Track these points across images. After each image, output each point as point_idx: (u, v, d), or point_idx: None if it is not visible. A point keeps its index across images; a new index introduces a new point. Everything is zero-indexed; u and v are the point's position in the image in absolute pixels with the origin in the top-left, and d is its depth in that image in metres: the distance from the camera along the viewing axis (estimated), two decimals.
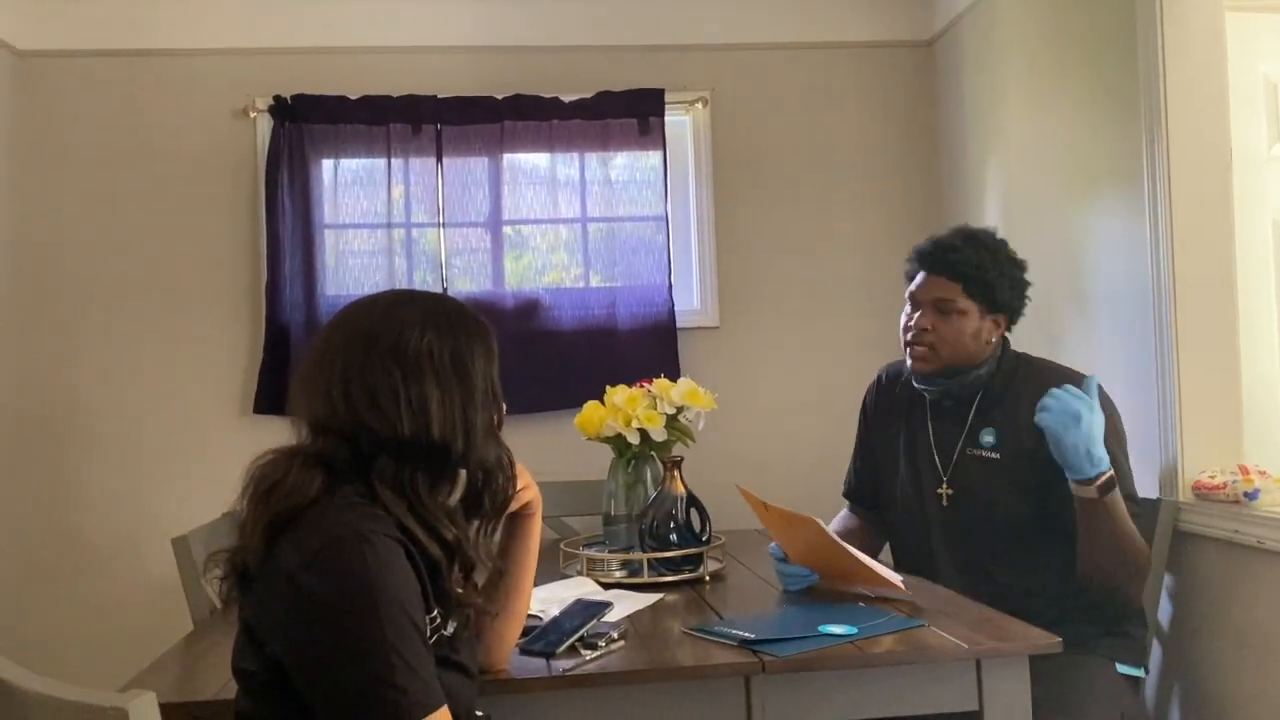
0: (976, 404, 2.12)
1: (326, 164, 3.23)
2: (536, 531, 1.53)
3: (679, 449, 2.24)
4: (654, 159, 3.29)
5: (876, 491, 2.29)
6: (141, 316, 3.20)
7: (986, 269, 2.06)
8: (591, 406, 2.28)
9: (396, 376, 1.24)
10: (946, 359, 2.08)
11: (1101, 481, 1.86)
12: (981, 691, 1.58)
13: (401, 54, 3.28)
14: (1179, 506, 2.17)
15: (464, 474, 1.30)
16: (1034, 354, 2.19)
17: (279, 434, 1.30)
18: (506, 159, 3.26)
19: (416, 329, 1.27)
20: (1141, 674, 2.06)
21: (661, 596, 1.96)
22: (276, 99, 3.17)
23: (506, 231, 3.28)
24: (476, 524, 1.34)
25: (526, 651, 1.58)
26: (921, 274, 2.14)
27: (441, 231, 3.24)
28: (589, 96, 3.26)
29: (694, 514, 2.13)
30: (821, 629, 1.63)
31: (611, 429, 2.22)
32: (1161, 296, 2.21)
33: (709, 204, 3.37)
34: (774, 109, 3.40)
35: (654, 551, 2.08)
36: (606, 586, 2.04)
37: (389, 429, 1.23)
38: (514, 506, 1.44)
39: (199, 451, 3.16)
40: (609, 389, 2.27)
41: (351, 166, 3.25)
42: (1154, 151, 2.22)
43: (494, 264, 3.26)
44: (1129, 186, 2.33)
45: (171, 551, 2.15)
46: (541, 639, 1.60)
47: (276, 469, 1.23)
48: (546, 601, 1.83)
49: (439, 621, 1.25)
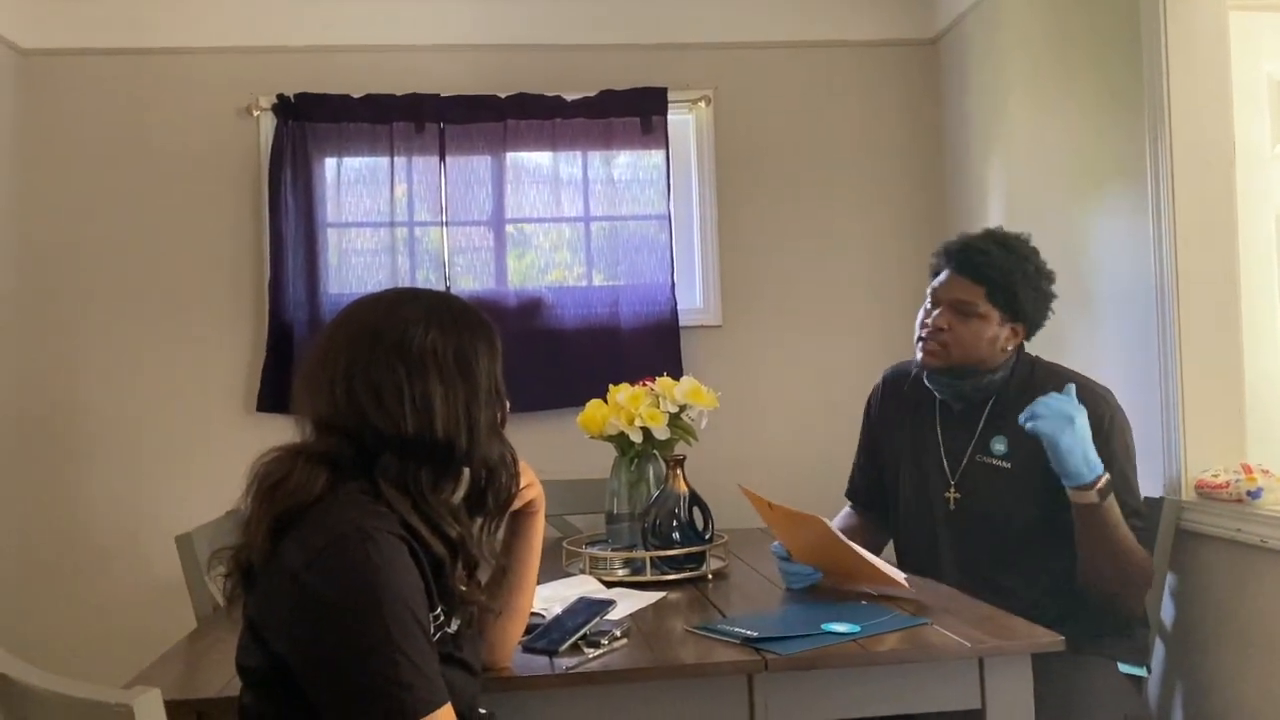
0: (988, 410, 2.09)
1: (329, 162, 3.24)
2: (539, 529, 1.53)
3: (682, 447, 2.24)
4: (657, 158, 3.29)
5: (879, 492, 2.28)
6: (144, 315, 3.20)
7: (1013, 276, 2.02)
8: (594, 405, 2.28)
9: (400, 374, 1.24)
10: (957, 359, 2.05)
11: (1101, 485, 1.85)
12: (984, 690, 1.58)
13: (404, 53, 3.28)
14: (1182, 505, 2.17)
15: (467, 472, 1.31)
16: (1035, 353, 2.16)
17: (282, 432, 1.31)
18: (509, 158, 3.26)
19: (420, 326, 1.27)
20: (1144, 673, 2.06)
21: (664, 595, 1.96)
22: (280, 97, 3.18)
23: (509, 230, 3.28)
24: (480, 521, 1.34)
25: (529, 649, 1.58)
26: (946, 272, 2.09)
27: (444, 230, 3.24)
28: (592, 95, 3.26)
29: (696, 512, 2.13)
30: (824, 627, 1.63)
31: (614, 427, 2.22)
32: (1165, 295, 2.21)
33: (712, 203, 3.37)
34: (777, 108, 3.40)
35: (657, 550, 2.08)
36: (609, 585, 2.04)
37: (393, 427, 1.23)
38: (517, 504, 1.44)
39: (202, 450, 3.16)
40: (612, 387, 2.27)
41: (354, 165, 3.25)
42: (1157, 150, 2.22)
43: (497, 263, 3.26)
44: (1132, 185, 2.33)
45: (174, 550, 2.15)
46: (544, 637, 1.60)
47: (281, 467, 1.23)
48: (549, 599, 1.84)
49: (442, 619, 1.26)
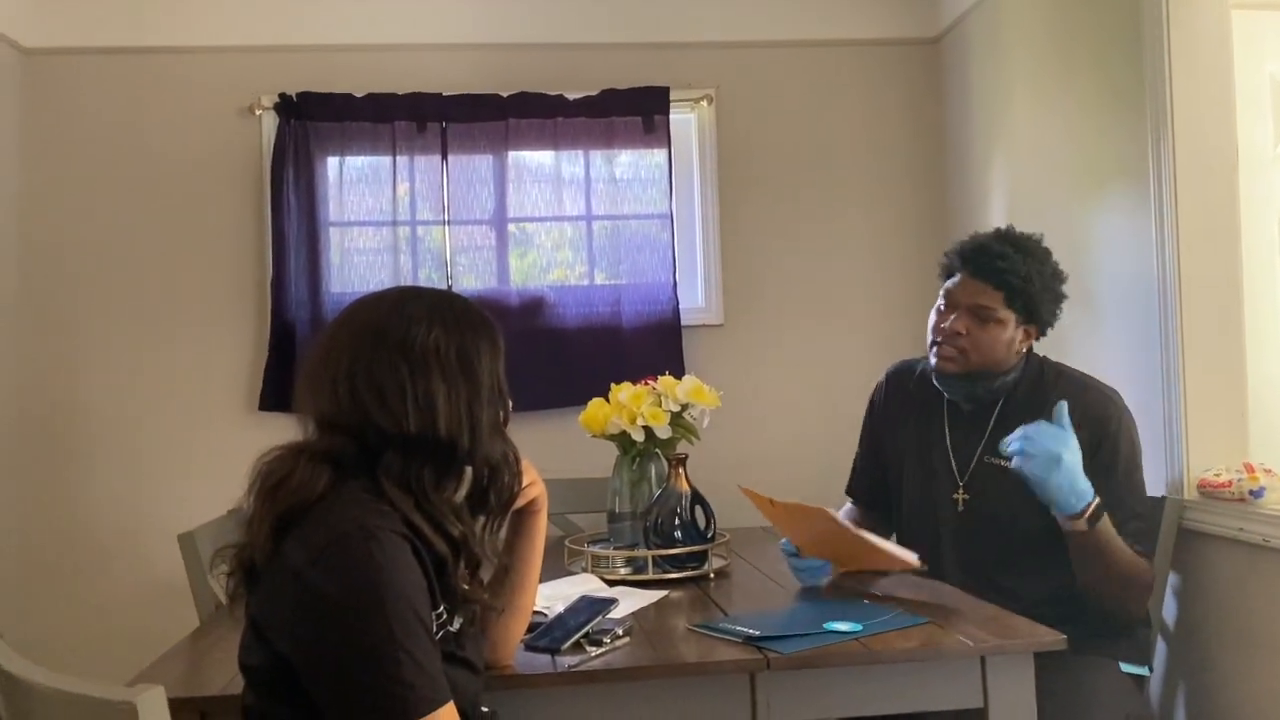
0: (998, 411, 2.07)
1: (332, 161, 3.24)
2: (542, 528, 1.53)
3: (683, 446, 2.24)
4: (659, 157, 3.29)
5: (881, 489, 2.28)
6: (146, 314, 3.20)
7: (1033, 282, 1.99)
8: (596, 404, 2.28)
9: (403, 372, 1.24)
10: (975, 365, 2.03)
11: (1090, 513, 1.82)
12: (986, 689, 1.58)
13: (407, 51, 3.28)
14: (1184, 505, 2.17)
15: (470, 470, 1.31)
16: (1038, 352, 2.15)
17: (284, 431, 1.31)
18: (511, 156, 3.27)
19: (423, 325, 1.27)
20: (1146, 672, 2.06)
21: (666, 593, 1.96)
22: (282, 96, 3.18)
23: (511, 229, 3.29)
24: (482, 520, 1.34)
25: (532, 648, 1.58)
26: (960, 275, 2.05)
27: (446, 229, 3.25)
28: (594, 94, 3.27)
29: (698, 511, 2.13)
30: (826, 626, 1.63)
31: (616, 426, 2.22)
32: (1167, 295, 2.21)
33: (713, 202, 3.37)
34: (779, 107, 3.40)
35: (658, 548, 2.08)
36: (611, 583, 2.04)
37: (395, 425, 1.23)
38: (520, 503, 1.45)
39: (204, 449, 3.16)
40: (614, 386, 2.27)
41: (357, 164, 3.26)
42: (1160, 151, 2.21)
43: (499, 262, 3.27)
44: (1135, 185, 2.33)
45: (176, 549, 2.15)
46: (547, 635, 1.60)
47: (283, 465, 1.23)
48: (551, 598, 1.84)
49: (445, 617, 1.26)
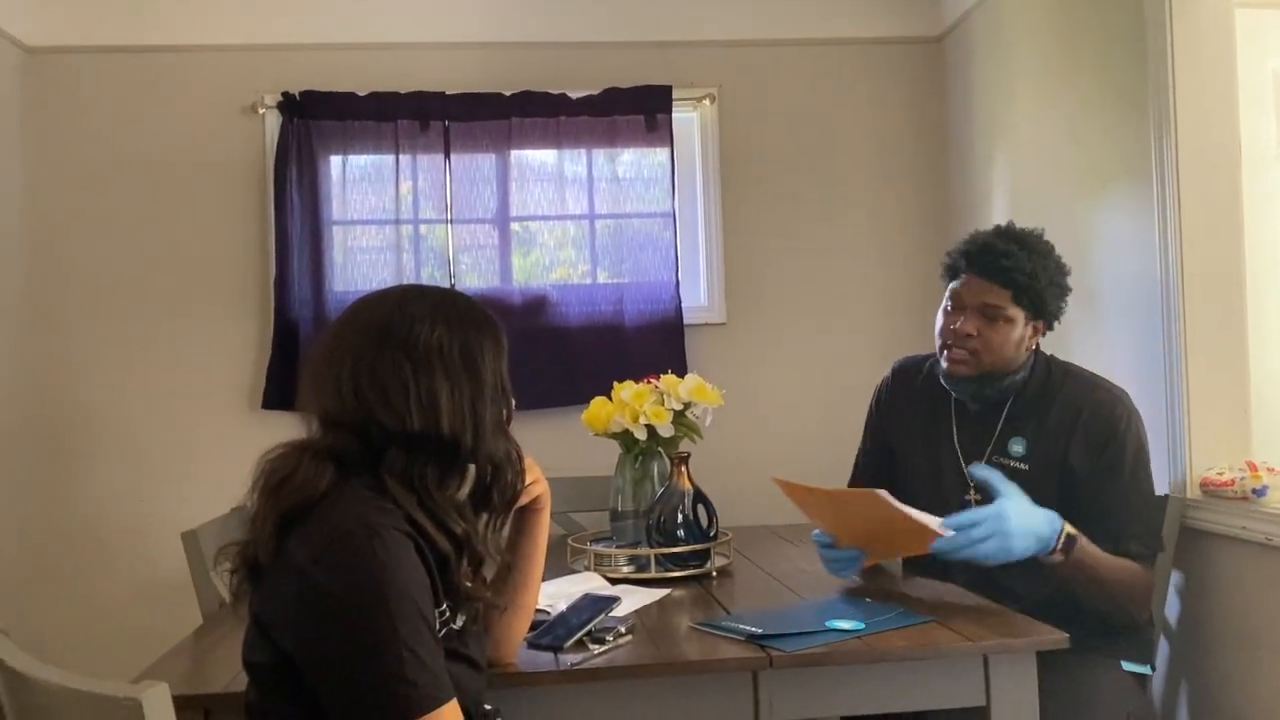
0: (1006, 411, 2.06)
1: (335, 160, 3.24)
2: (545, 526, 1.54)
3: (686, 445, 2.25)
4: (661, 155, 3.29)
5: (884, 485, 2.25)
6: (149, 312, 3.21)
7: (1039, 278, 1.98)
8: (599, 402, 2.28)
9: (406, 371, 1.25)
10: (987, 366, 2.02)
11: (1061, 546, 1.79)
12: (989, 687, 1.58)
13: (409, 50, 3.28)
14: (1186, 503, 2.17)
15: (473, 468, 1.31)
16: (1042, 351, 2.14)
17: (287, 429, 1.31)
18: (514, 155, 3.27)
19: (426, 323, 1.27)
20: (1148, 671, 2.06)
21: (669, 592, 1.97)
22: (285, 95, 3.18)
23: (514, 228, 3.29)
24: (485, 518, 1.34)
25: (534, 645, 1.58)
26: (966, 275, 2.04)
27: (449, 228, 3.25)
28: (596, 93, 3.27)
29: (701, 510, 2.14)
30: (829, 624, 1.63)
31: (619, 425, 2.22)
32: (1170, 293, 2.21)
33: (716, 200, 3.37)
34: (782, 105, 3.40)
35: (661, 547, 2.08)
36: (614, 582, 2.04)
37: (399, 423, 1.24)
38: (523, 501, 1.45)
39: (208, 447, 3.17)
40: (616, 385, 2.28)
41: (360, 163, 3.26)
42: (1162, 148, 2.21)
43: (502, 260, 3.27)
44: (1137, 183, 2.33)
45: (179, 547, 2.15)
46: (549, 633, 1.61)
47: (287, 463, 1.24)
48: (554, 596, 1.84)
49: (448, 615, 1.26)
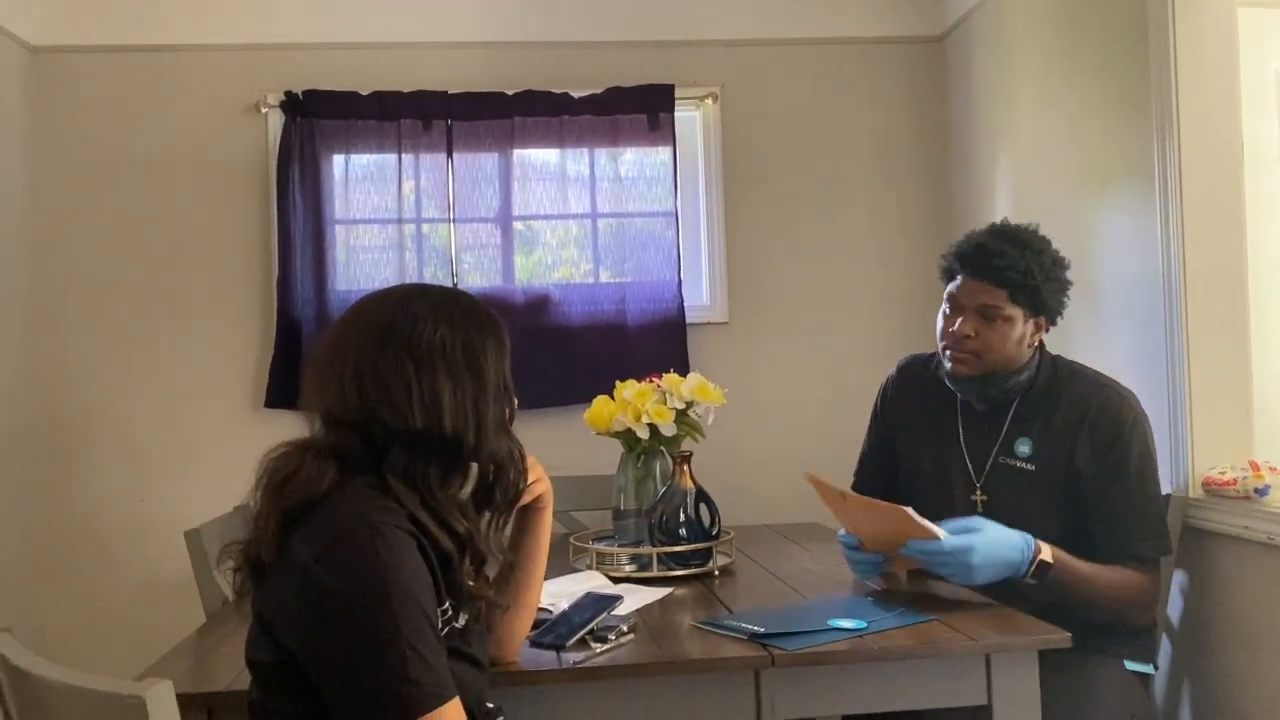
0: (1013, 411, 2.05)
1: (337, 159, 3.25)
2: (547, 525, 1.54)
3: (688, 444, 2.25)
4: (663, 155, 3.29)
5: (889, 483, 2.25)
6: (152, 311, 3.21)
7: (1034, 275, 1.96)
8: (601, 401, 2.28)
9: (409, 370, 1.25)
10: (989, 366, 2.01)
11: (1034, 569, 1.78)
12: (991, 686, 1.58)
13: (412, 49, 3.29)
14: (1189, 502, 2.17)
15: (475, 467, 1.31)
16: (1049, 351, 2.13)
17: (290, 428, 1.31)
18: (517, 154, 3.27)
19: (429, 322, 1.28)
20: (1151, 670, 2.06)
21: (671, 591, 1.97)
22: (288, 94, 3.19)
23: (517, 227, 3.29)
24: (488, 517, 1.34)
25: (537, 644, 1.59)
26: (962, 277, 2.03)
27: (452, 227, 3.25)
28: (599, 92, 3.27)
29: (703, 509, 2.14)
30: (831, 623, 1.63)
31: (621, 424, 2.22)
32: (1172, 293, 2.21)
33: (718, 199, 3.37)
34: (784, 105, 3.40)
35: (663, 546, 2.08)
36: (616, 580, 2.04)
37: (401, 422, 1.24)
38: (525, 499, 1.45)
39: (210, 446, 3.17)
40: (619, 384, 2.28)
41: (362, 162, 3.26)
42: (1165, 148, 2.21)
43: (504, 259, 3.27)
44: (1140, 183, 2.33)
45: (182, 546, 2.16)
46: (552, 632, 1.61)
47: (290, 462, 1.24)
48: (556, 595, 1.84)
49: (450, 614, 1.26)
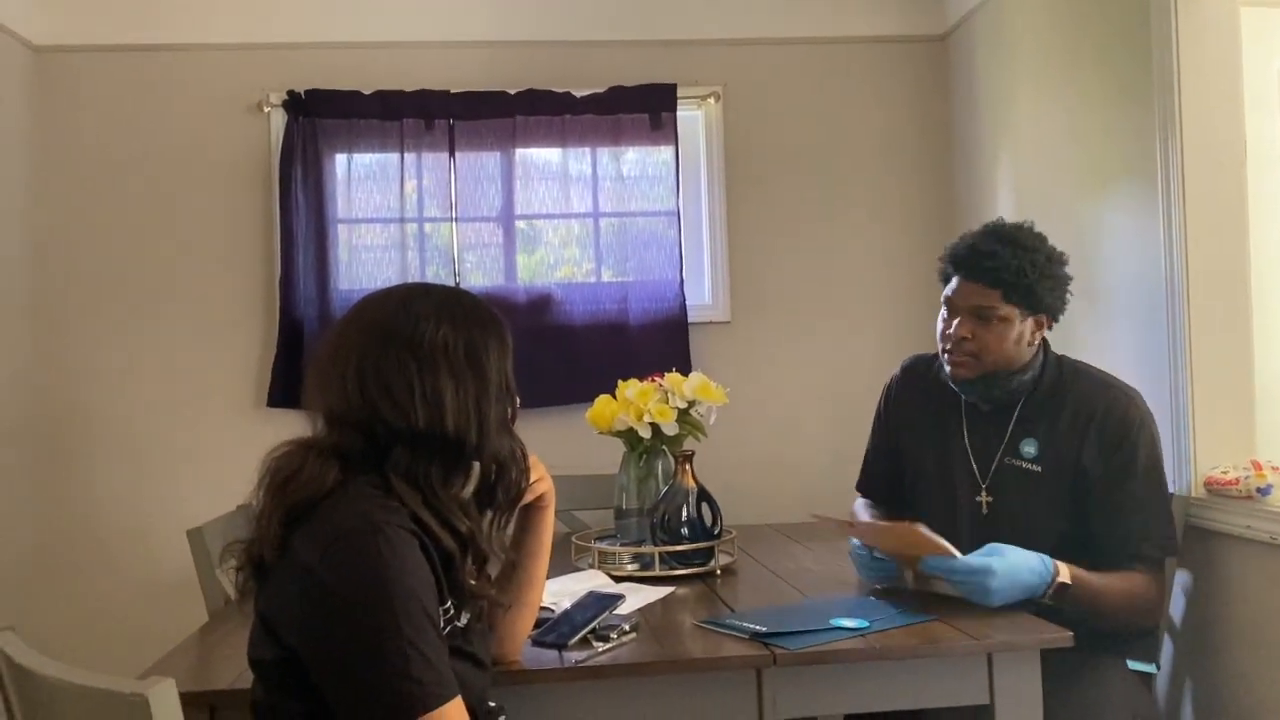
0: (1018, 412, 2.05)
1: (340, 159, 3.25)
2: (549, 524, 1.54)
3: (690, 443, 2.25)
4: (666, 154, 3.29)
5: (894, 484, 2.25)
6: (155, 310, 3.21)
7: (1026, 273, 1.96)
8: (603, 401, 2.28)
9: (411, 369, 1.25)
10: (989, 366, 2.01)
11: (1053, 593, 1.78)
12: (993, 686, 1.59)
13: (414, 49, 3.29)
14: (1191, 502, 2.17)
15: (478, 466, 1.32)
16: (1053, 351, 2.12)
17: (292, 427, 1.31)
18: (519, 154, 3.27)
19: (431, 322, 1.28)
20: (1153, 670, 2.06)
21: (673, 590, 1.97)
22: (290, 94, 3.19)
23: (519, 226, 3.29)
24: (490, 516, 1.35)
25: (539, 643, 1.59)
26: (957, 279, 2.04)
27: (454, 226, 3.25)
28: (601, 91, 3.27)
29: (705, 508, 2.14)
30: (833, 622, 1.63)
31: (623, 423, 2.22)
32: (1174, 292, 2.21)
33: (720, 199, 3.37)
34: (786, 104, 3.40)
35: (665, 545, 2.09)
36: (618, 579, 2.05)
37: (404, 421, 1.24)
38: (528, 499, 1.45)
39: (213, 445, 3.17)
40: (621, 383, 2.28)
41: (365, 161, 3.26)
42: (1168, 147, 2.21)
43: (506, 259, 3.27)
44: (1142, 182, 2.33)
45: (184, 545, 2.16)
46: (554, 631, 1.61)
47: (292, 460, 1.24)
48: (558, 594, 1.85)
49: (453, 613, 1.26)
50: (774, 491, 3.18)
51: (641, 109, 3.27)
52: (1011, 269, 1.96)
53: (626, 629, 1.62)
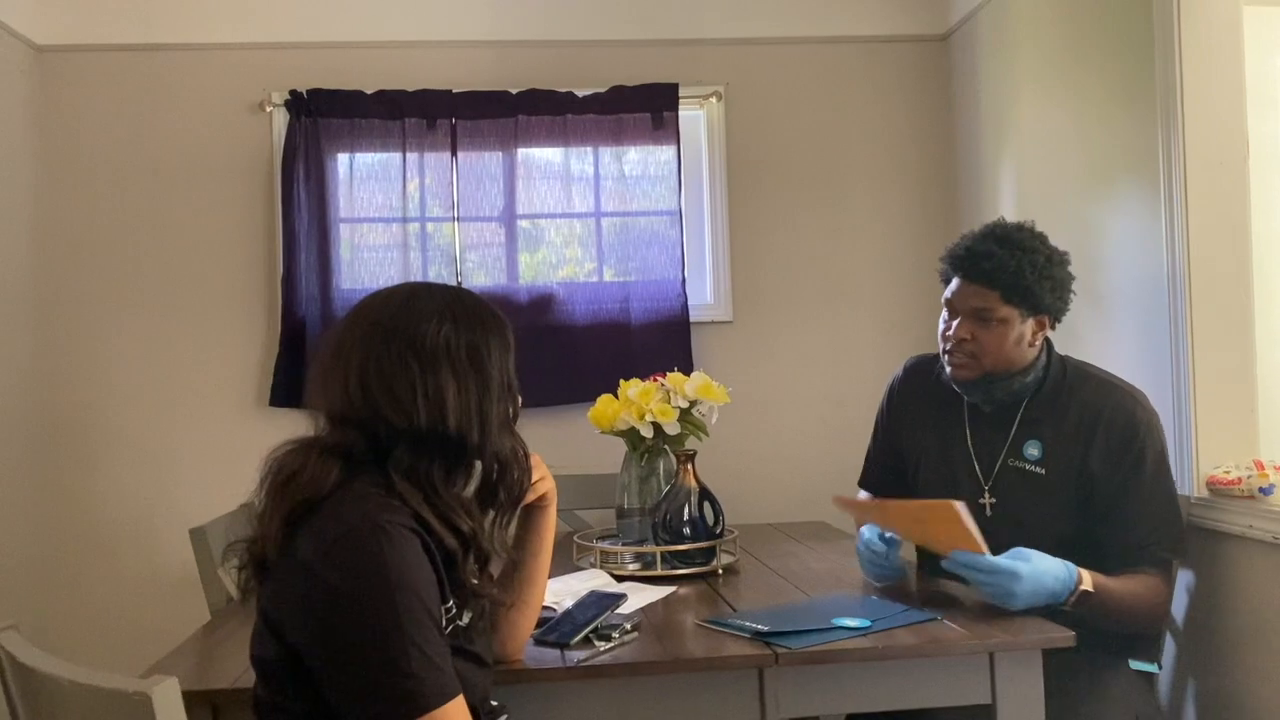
0: (1021, 414, 2.03)
1: (342, 158, 3.25)
2: (551, 523, 1.54)
3: (692, 443, 2.25)
4: (667, 153, 3.29)
5: (896, 483, 2.24)
6: (157, 309, 3.22)
7: (1024, 274, 1.94)
8: (605, 400, 2.28)
9: (414, 368, 1.25)
10: (989, 367, 2.00)
11: (1075, 600, 1.77)
12: (995, 685, 1.58)
13: (416, 49, 3.29)
14: (1193, 502, 2.17)
15: (479, 465, 1.31)
16: (1057, 352, 2.11)
17: (295, 427, 1.31)
18: (521, 153, 3.27)
19: (434, 321, 1.28)
20: (1156, 669, 2.06)
21: (675, 589, 1.97)
22: (292, 93, 3.19)
23: (521, 225, 3.29)
24: (492, 515, 1.34)
25: (541, 642, 1.59)
26: (956, 280, 2.03)
27: (456, 226, 3.26)
28: (603, 91, 3.27)
29: (707, 507, 2.14)
30: (835, 621, 1.63)
31: (625, 422, 2.22)
32: (1177, 292, 2.21)
33: (722, 198, 3.37)
34: (788, 104, 3.40)
35: (667, 544, 2.08)
36: (620, 579, 2.05)
37: (406, 420, 1.24)
38: (530, 498, 1.45)
39: (215, 444, 3.18)
40: (623, 383, 2.28)
41: (367, 161, 3.27)
42: (1170, 146, 2.21)
43: (508, 258, 3.27)
44: (1145, 181, 2.32)
45: (186, 544, 2.17)
46: (556, 630, 1.61)
47: (294, 459, 1.24)
48: (560, 593, 1.85)
49: (454, 612, 1.26)
50: (776, 491, 3.18)
51: (643, 109, 3.27)
52: (1010, 270, 1.95)
53: (628, 628, 1.62)
